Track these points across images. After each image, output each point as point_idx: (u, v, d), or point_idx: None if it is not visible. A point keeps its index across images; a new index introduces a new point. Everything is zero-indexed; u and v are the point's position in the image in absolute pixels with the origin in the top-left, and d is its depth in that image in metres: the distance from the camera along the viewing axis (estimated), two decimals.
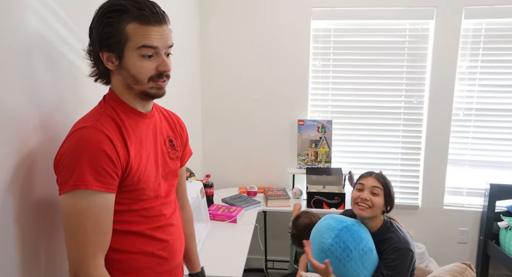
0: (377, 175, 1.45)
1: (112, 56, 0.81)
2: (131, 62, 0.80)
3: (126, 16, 0.78)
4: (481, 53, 2.47)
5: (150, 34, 0.79)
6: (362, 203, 1.40)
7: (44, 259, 0.92)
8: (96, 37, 0.80)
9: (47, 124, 0.92)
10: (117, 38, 0.78)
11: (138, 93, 0.85)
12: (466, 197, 2.62)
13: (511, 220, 2.35)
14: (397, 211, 2.60)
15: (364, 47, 2.55)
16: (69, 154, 0.78)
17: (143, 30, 0.78)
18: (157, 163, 0.93)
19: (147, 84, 0.83)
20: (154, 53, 0.81)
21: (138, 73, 0.81)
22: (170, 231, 0.96)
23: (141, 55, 0.80)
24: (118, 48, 0.79)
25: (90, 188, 0.76)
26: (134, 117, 0.88)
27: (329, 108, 2.64)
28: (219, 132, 2.69)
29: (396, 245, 1.35)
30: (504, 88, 2.49)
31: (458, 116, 2.55)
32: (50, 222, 0.94)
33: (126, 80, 0.84)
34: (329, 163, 2.57)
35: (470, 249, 2.65)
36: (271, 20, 2.55)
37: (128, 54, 0.80)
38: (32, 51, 0.86)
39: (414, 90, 2.56)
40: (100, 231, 0.80)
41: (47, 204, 0.92)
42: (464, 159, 2.59)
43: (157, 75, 0.83)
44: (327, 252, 1.35)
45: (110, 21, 0.78)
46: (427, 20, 2.47)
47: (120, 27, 0.78)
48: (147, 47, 0.79)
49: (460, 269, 1.35)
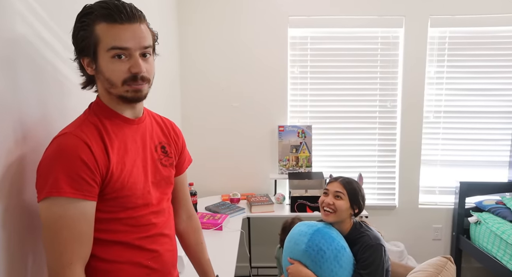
0: (343, 180, 1.51)
1: (90, 61, 0.79)
2: (104, 65, 0.78)
3: (93, 16, 0.76)
4: (447, 59, 2.64)
5: (119, 34, 0.75)
6: (326, 207, 1.47)
7: (31, 264, 0.88)
8: (74, 43, 0.80)
9: (31, 134, 0.89)
10: (89, 40, 0.76)
11: (116, 98, 0.82)
12: (438, 196, 2.76)
13: (480, 215, 2.50)
14: (376, 211, 2.71)
15: (339, 54, 2.64)
16: (46, 162, 0.77)
17: (112, 30, 0.75)
18: (146, 170, 0.90)
19: (121, 87, 0.79)
20: (127, 54, 0.77)
21: (111, 76, 0.78)
22: (161, 241, 0.93)
23: (111, 57, 0.76)
24: (92, 51, 0.77)
25: (65, 195, 0.74)
26: (119, 123, 0.86)
27: (308, 113, 2.71)
28: (199, 140, 2.68)
29: (367, 243, 1.40)
30: (469, 91, 2.66)
31: (428, 118, 2.69)
32: (37, 229, 0.89)
33: (104, 85, 0.81)
34: (310, 167, 2.62)
35: (444, 244, 2.78)
36: (250, 28, 2.60)
37: (101, 56, 0.77)
38: (16, 58, 0.83)
39: (388, 95, 2.68)
40: (77, 239, 0.77)
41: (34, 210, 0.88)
42: (435, 159, 2.74)
43: (131, 78, 0.79)
44: (303, 257, 1.39)
45: (83, 25, 0.77)
46: (397, 28, 2.61)
47: (90, 29, 0.76)
48: (117, 48, 0.76)
49: (441, 263, 1.41)
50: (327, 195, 1.49)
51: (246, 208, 2.36)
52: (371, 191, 2.76)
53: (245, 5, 2.58)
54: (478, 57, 2.63)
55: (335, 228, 1.48)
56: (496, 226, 2.28)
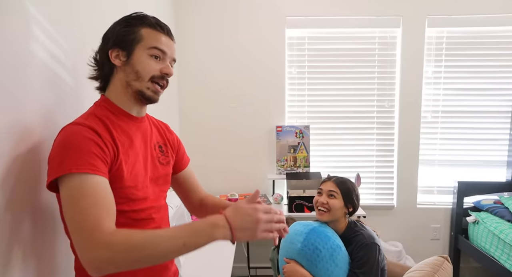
0: (336, 179, 1.52)
1: (121, 53, 0.87)
2: (139, 59, 0.87)
3: (143, 22, 0.88)
4: (444, 59, 2.64)
5: (161, 40, 0.89)
6: (321, 207, 1.48)
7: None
8: (111, 36, 0.88)
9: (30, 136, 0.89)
10: (131, 37, 0.87)
11: (134, 92, 0.89)
12: (437, 195, 2.76)
13: (478, 215, 2.50)
14: (374, 211, 2.71)
15: (337, 54, 2.65)
16: (56, 147, 0.79)
17: (156, 35, 0.89)
18: (146, 166, 0.94)
19: (146, 82, 0.88)
20: (161, 57, 0.89)
21: (143, 69, 0.87)
22: None
23: (150, 55, 0.88)
24: (130, 46, 0.87)
25: (80, 171, 0.74)
26: (124, 119, 0.90)
27: (306, 113, 2.71)
28: (198, 140, 2.68)
29: (362, 242, 1.41)
30: (466, 91, 2.67)
31: (426, 118, 2.69)
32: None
33: (127, 77, 0.88)
34: (308, 167, 2.62)
35: (443, 244, 2.78)
36: (247, 28, 2.60)
37: (138, 52, 0.87)
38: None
39: (386, 95, 2.68)
40: (99, 204, 0.74)
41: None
42: (433, 159, 2.74)
43: (159, 77, 0.89)
44: (298, 256, 1.39)
45: (128, 24, 0.88)
46: (394, 28, 2.61)
47: (136, 29, 0.88)
48: (157, 49, 0.88)
49: (438, 262, 1.41)
50: (321, 195, 1.50)
51: None
52: (369, 191, 2.76)
53: (242, 5, 2.58)
54: (475, 57, 2.63)
55: (331, 227, 1.48)
56: (494, 225, 2.28)
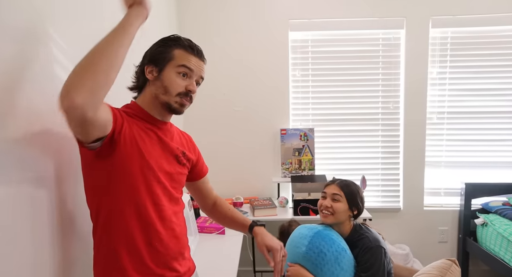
0: (340, 182, 1.51)
1: (154, 69, 0.98)
2: (167, 76, 0.97)
3: (177, 43, 0.99)
4: (449, 59, 2.63)
5: (191, 60, 0.99)
6: (325, 210, 1.48)
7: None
8: (148, 54, 1.01)
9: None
10: (164, 55, 0.98)
11: (162, 104, 0.99)
12: (444, 197, 2.73)
13: (486, 217, 2.46)
14: (380, 214, 2.69)
15: (341, 56, 2.64)
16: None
17: (186, 55, 0.99)
18: (163, 159, 1.00)
19: (173, 97, 0.98)
20: (188, 75, 0.99)
21: (170, 85, 0.97)
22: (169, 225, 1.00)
23: (177, 72, 0.97)
24: (162, 63, 0.97)
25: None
26: (146, 124, 0.99)
27: (310, 116, 2.70)
28: (202, 144, 2.65)
29: (367, 245, 1.40)
30: (472, 92, 2.64)
31: (432, 119, 2.67)
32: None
33: (156, 90, 0.98)
34: (312, 170, 2.61)
35: (451, 247, 2.74)
36: (250, 32, 2.61)
37: (168, 69, 0.97)
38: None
39: (390, 96, 2.67)
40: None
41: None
42: (440, 161, 2.71)
43: (184, 93, 0.99)
44: (303, 260, 1.38)
45: (164, 44, 0.99)
46: (398, 30, 2.61)
47: (169, 49, 0.99)
48: (185, 67, 0.98)
49: (446, 265, 1.40)
50: (325, 198, 1.50)
51: (249, 211, 2.35)
52: (375, 193, 2.74)
53: (245, 9, 2.60)
54: (481, 57, 2.61)
55: (335, 230, 1.47)
56: (503, 227, 2.24)
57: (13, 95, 0.83)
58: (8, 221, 0.80)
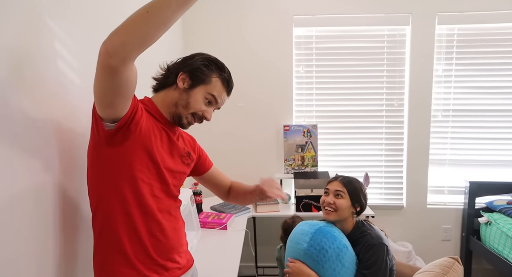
0: (342, 179, 1.50)
1: (187, 81, 1.03)
2: (196, 95, 1.03)
3: (219, 73, 1.06)
4: (455, 57, 2.60)
5: (221, 94, 1.07)
6: (328, 207, 1.47)
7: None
8: (191, 63, 1.04)
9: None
10: (203, 76, 1.03)
11: (175, 112, 1.04)
12: (447, 195, 2.72)
13: (490, 215, 2.44)
14: (383, 211, 2.68)
15: (345, 52, 2.62)
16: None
17: (221, 89, 1.06)
18: (168, 155, 1.03)
19: (188, 113, 1.03)
20: (212, 103, 1.06)
21: (193, 104, 1.03)
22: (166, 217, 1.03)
23: (205, 97, 1.04)
24: (197, 81, 1.03)
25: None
26: (160, 119, 1.03)
27: (313, 113, 2.69)
28: (205, 139, 2.67)
29: (369, 242, 1.39)
30: (477, 89, 2.61)
31: (436, 117, 2.65)
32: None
33: (179, 100, 1.03)
34: (315, 167, 2.60)
35: (454, 245, 2.73)
36: (254, 28, 2.60)
37: (199, 89, 1.03)
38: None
39: (395, 94, 2.64)
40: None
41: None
42: (444, 159, 2.69)
43: (198, 117, 1.05)
44: (304, 257, 1.38)
45: (209, 65, 1.04)
46: (403, 26, 2.58)
47: (210, 73, 1.05)
48: (214, 97, 1.05)
49: (448, 263, 1.39)
50: (328, 195, 1.49)
51: (251, 207, 2.35)
52: (378, 191, 2.73)
53: (249, 4, 2.58)
54: (487, 55, 2.58)
55: (337, 227, 1.47)
56: (507, 226, 2.23)
57: (18, 86, 0.83)
58: (11, 213, 0.81)
